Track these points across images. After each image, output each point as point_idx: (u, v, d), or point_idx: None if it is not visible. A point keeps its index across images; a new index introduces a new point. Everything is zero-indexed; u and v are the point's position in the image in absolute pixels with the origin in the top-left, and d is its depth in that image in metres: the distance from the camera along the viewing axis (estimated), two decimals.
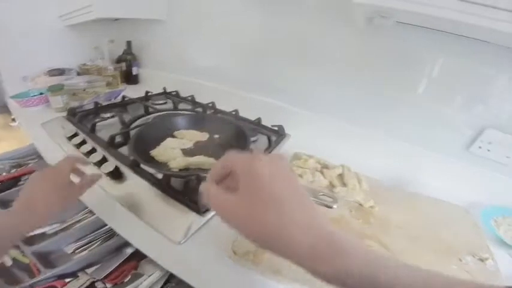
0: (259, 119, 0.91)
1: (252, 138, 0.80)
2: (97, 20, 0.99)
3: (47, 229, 0.86)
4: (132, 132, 0.70)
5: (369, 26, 0.65)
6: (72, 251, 0.85)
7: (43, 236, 0.86)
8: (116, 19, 1.22)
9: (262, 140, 0.81)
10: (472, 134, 0.72)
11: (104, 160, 0.63)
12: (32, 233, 0.70)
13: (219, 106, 1.00)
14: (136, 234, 0.49)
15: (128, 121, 0.85)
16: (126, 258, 0.71)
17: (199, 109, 0.96)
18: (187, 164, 0.58)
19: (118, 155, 0.66)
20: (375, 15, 0.54)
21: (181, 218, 0.50)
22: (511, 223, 0.66)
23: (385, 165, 0.75)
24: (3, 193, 1.04)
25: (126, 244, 0.81)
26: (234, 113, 0.95)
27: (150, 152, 0.62)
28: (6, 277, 0.80)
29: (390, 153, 0.78)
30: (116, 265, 0.69)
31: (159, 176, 0.57)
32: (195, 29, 1.07)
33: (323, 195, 0.39)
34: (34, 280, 0.76)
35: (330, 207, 0.38)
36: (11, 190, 1.07)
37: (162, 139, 0.67)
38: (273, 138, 0.81)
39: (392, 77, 0.75)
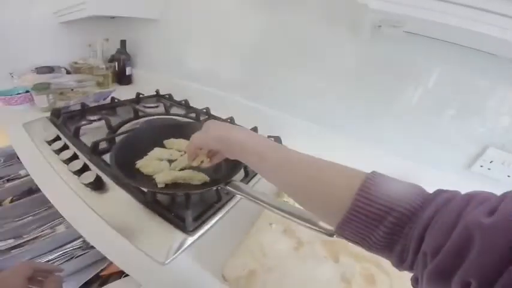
0: (255, 128, 0.88)
1: None
2: (92, 17, 0.95)
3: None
4: (118, 139, 0.65)
5: (374, 34, 0.63)
6: None
7: None
8: (112, 17, 1.17)
9: None
10: (473, 153, 0.69)
11: (85, 168, 0.58)
12: None
13: (213, 112, 0.96)
14: (116, 250, 0.45)
15: (115, 125, 0.79)
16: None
17: (193, 114, 0.92)
18: (174, 178, 0.52)
19: (101, 164, 0.61)
20: (384, 23, 0.51)
21: (166, 236, 0.46)
22: None
23: None
24: None
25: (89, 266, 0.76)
26: (229, 120, 0.91)
27: (136, 162, 0.57)
28: None
29: (383, 167, 0.75)
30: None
31: (144, 188, 0.53)
32: (191, 29, 1.03)
33: None
34: None
35: (331, 235, 0.34)
36: None
37: (150, 148, 0.62)
38: None
39: (391, 89, 0.73)
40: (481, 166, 0.70)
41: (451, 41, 0.55)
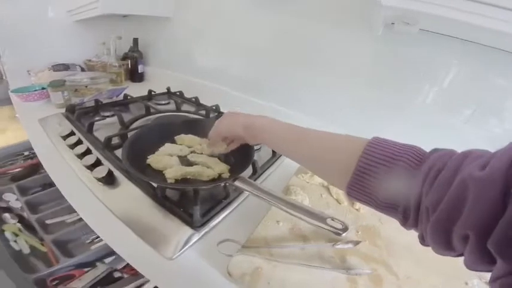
0: None
1: (256, 147, 0.77)
2: (105, 16, 0.97)
3: (66, 218, 0.95)
4: (130, 134, 0.66)
5: (386, 32, 0.61)
6: (90, 240, 0.92)
7: (62, 225, 0.97)
8: (125, 15, 1.19)
9: (265, 149, 0.77)
10: None
11: (97, 163, 0.59)
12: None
13: (223, 109, 0.96)
14: (124, 244, 0.45)
15: (128, 121, 0.81)
16: None
17: (203, 111, 0.92)
18: (183, 173, 0.53)
19: (113, 159, 0.63)
20: (397, 21, 0.50)
21: (174, 231, 0.46)
22: None
23: None
24: (23, 180, 1.14)
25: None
26: None
27: (147, 157, 0.58)
28: (23, 265, 0.82)
29: None
30: None
31: (154, 183, 0.53)
32: (202, 27, 1.04)
33: (332, 220, 0.35)
34: (53, 269, 0.78)
35: (339, 234, 0.33)
36: (31, 178, 1.17)
37: (161, 144, 0.62)
38: None
39: (404, 88, 0.71)
40: None
41: (467, 38, 0.53)
